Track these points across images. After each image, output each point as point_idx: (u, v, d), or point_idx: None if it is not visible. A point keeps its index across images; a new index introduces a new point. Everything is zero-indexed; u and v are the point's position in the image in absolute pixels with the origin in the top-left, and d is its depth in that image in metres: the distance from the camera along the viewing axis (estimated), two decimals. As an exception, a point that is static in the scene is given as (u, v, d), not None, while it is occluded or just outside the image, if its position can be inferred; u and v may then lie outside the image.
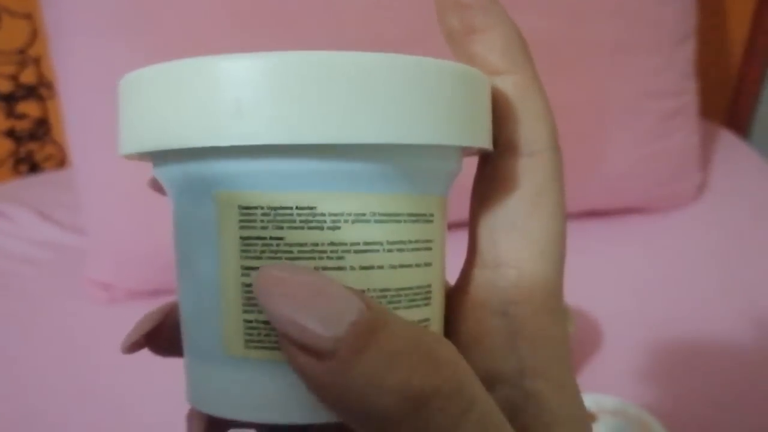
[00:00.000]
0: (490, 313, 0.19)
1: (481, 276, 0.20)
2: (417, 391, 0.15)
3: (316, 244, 0.17)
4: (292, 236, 0.17)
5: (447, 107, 0.18)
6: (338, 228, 0.17)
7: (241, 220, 0.18)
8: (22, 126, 1.22)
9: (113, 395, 0.73)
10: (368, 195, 0.18)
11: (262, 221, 0.17)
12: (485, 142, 0.19)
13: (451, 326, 0.20)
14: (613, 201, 0.99)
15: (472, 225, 0.21)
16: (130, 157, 0.20)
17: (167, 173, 0.19)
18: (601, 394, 0.67)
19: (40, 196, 1.12)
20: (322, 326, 0.15)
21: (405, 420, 0.15)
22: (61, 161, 1.27)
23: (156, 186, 0.23)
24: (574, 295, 0.84)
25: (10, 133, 1.22)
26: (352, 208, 0.17)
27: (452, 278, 0.23)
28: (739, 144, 1.20)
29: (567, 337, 0.20)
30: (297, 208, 0.17)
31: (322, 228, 0.17)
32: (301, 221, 0.17)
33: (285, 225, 0.17)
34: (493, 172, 0.20)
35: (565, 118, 0.92)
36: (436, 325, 0.20)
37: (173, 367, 0.66)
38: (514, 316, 0.19)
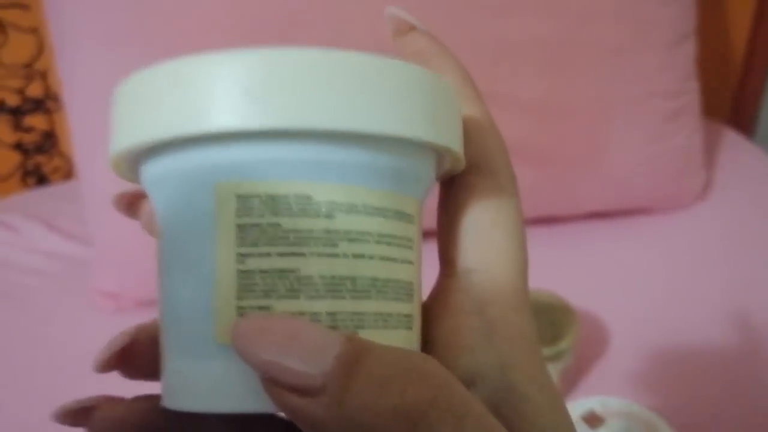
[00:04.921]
0: (467, 315, 0.20)
1: (454, 283, 0.21)
2: (413, 408, 0.16)
3: (311, 231, 0.18)
4: (289, 223, 0.18)
5: (434, 110, 0.19)
6: (333, 217, 0.18)
7: (238, 209, 0.18)
8: (29, 139, 1.23)
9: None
10: (360, 188, 0.18)
11: (259, 209, 0.18)
12: (460, 151, 0.20)
13: (430, 333, 0.21)
14: (617, 202, 0.99)
15: (442, 239, 0.22)
16: (119, 161, 0.20)
17: (160, 168, 0.19)
18: (608, 396, 0.67)
19: (47, 208, 1.13)
20: (307, 365, 0.16)
21: None
22: (68, 173, 1.28)
23: (122, 203, 0.24)
24: (580, 297, 0.84)
25: (18, 146, 1.23)
26: (345, 198, 0.18)
27: (426, 293, 0.24)
28: (744, 142, 1.20)
29: (537, 333, 0.21)
30: (294, 196, 0.18)
31: (317, 216, 0.18)
32: (297, 209, 0.18)
33: (282, 212, 0.18)
34: (458, 188, 0.22)
35: (567, 119, 0.92)
36: (417, 321, 0.20)
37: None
38: (489, 316, 0.20)
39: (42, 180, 1.28)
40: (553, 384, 0.20)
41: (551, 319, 0.70)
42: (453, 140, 0.20)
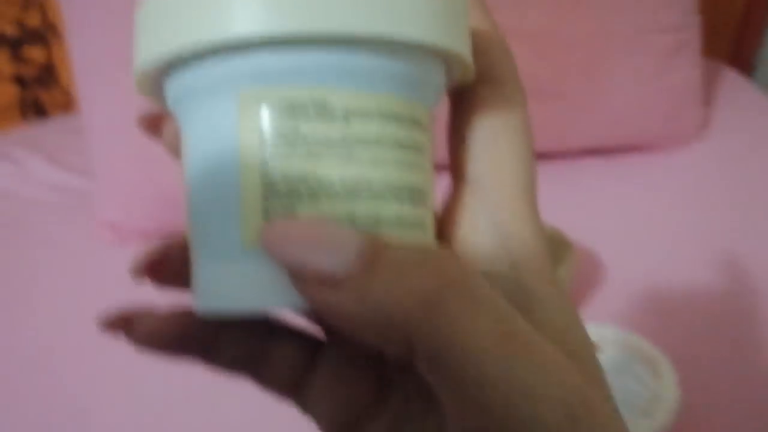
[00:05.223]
0: (478, 219, 0.21)
1: (465, 190, 0.22)
2: (431, 292, 0.17)
3: (329, 136, 0.19)
4: (307, 128, 0.19)
5: (446, 17, 0.20)
6: (348, 122, 0.19)
7: (260, 115, 0.19)
8: (28, 71, 1.23)
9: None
10: (374, 94, 0.19)
11: (279, 115, 0.19)
12: (470, 60, 0.21)
13: (443, 237, 0.22)
14: (614, 138, 1.00)
15: (452, 148, 0.23)
16: (143, 78, 0.21)
17: (183, 81, 0.20)
18: (602, 324, 0.69)
19: (47, 141, 1.13)
20: (331, 259, 0.17)
21: (425, 320, 0.17)
22: (67, 106, 1.28)
23: (145, 124, 0.24)
24: (574, 231, 0.85)
25: (17, 79, 1.23)
26: (360, 104, 0.19)
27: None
28: (743, 82, 1.20)
29: (545, 238, 0.22)
30: (311, 102, 0.19)
31: (334, 121, 0.19)
32: (315, 114, 0.19)
33: (300, 118, 0.19)
34: (467, 99, 0.22)
35: (567, 52, 0.92)
36: (430, 225, 0.21)
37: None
38: (499, 219, 0.21)
39: (41, 113, 1.28)
40: (562, 285, 0.21)
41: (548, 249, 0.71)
42: (464, 49, 0.21)
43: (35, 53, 1.21)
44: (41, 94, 1.26)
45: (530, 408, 0.17)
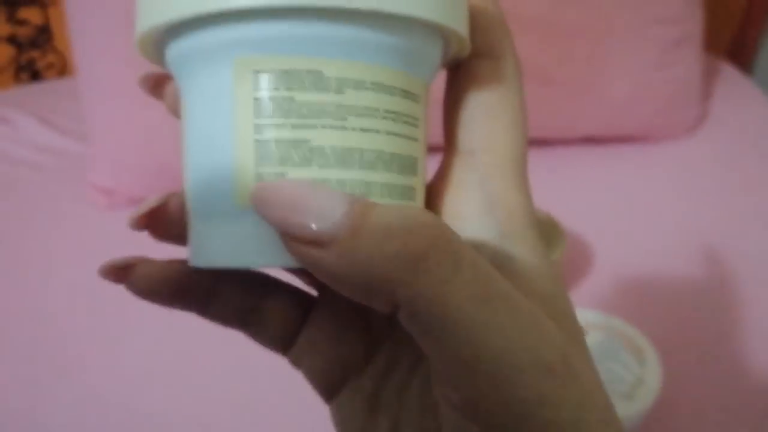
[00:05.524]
0: (469, 189, 0.22)
1: (458, 161, 0.22)
2: (414, 252, 0.17)
3: (322, 105, 0.19)
4: (301, 97, 0.19)
5: None
6: (342, 92, 0.19)
7: (254, 82, 0.19)
8: (23, 32, 1.21)
9: (113, 294, 0.75)
10: (368, 65, 0.20)
11: (274, 83, 0.19)
12: (466, 34, 0.22)
13: (434, 206, 0.23)
14: (610, 128, 1.00)
15: (447, 120, 0.23)
16: (145, 41, 0.22)
17: (183, 47, 0.20)
18: (586, 308, 0.69)
19: (41, 103, 1.12)
20: (319, 219, 0.17)
21: (408, 279, 0.17)
22: (62, 70, 1.27)
23: (148, 84, 0.25)
24: (567, 218, 0.85)
25: (12, 40, 1.22)
26: (353, 75, 0.20)
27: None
28: (741, 79, 1.20)
29: (534, 210, 0.22)
30: (306, 71, 0.19)
31: (327, 91, 0.19)
32: (309, 84, 0.19)
33: (295, 87, 0.19)
34: (463, 72, 0.23)
35: (568, 40, 0.92)
36: (420, 195, 0.22)
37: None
38: (489, 190, 0.22)
39: (36, 76, 1.27)
40: (548, 257, 0.22)
41: (540, 233, 0.71)
42: (460, 23, 0.21)
43: (31, 14, 1.20)
44: (36, 56, 1.25)
45: (509, 360, 0.17)
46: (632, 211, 0.89)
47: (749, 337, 0.69)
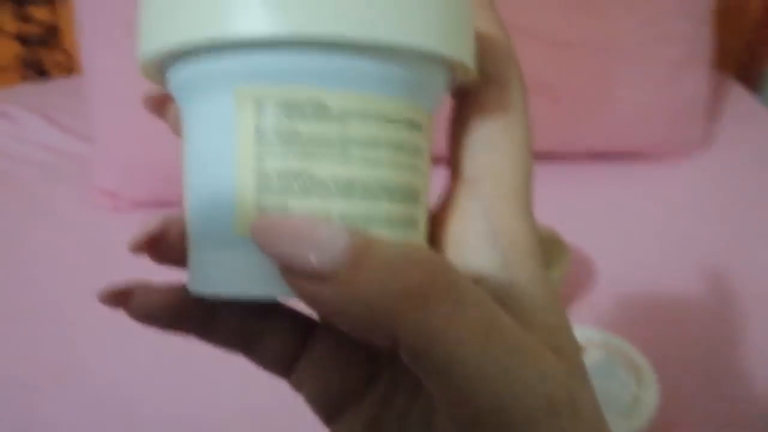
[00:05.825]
0: (472, 219, 0.22)
1: (462, 190, 0.22)
2: (415, 289, 0.17)
3: (325, 136, 0.19)
4: (303, 127, 0.19)
5: (448, 22, 0.20)
6: (344, 123, 0.19)
7: (256, 112, 0.19)
8: (31, 30, 1.22)
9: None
10: (372, 96, 0.19)
11: (276, 113, 0.19)
12: (473, 65, 0.21)
13: (437, 235, 0.22)
14: (617, 144, 1.00)
15: (452, 148, 0.23)
16: (147, 66, 0.22)
17: (185, 73, 0.20)
18: (586, 326, 0.69)
19: (46, 102, 1.12)
20: (320, 254, 0.17)
21: (409, 317, 0.17)
22: (69, 69, 1.27)
23: (150, 104, 0.25)
24: (571, 234, 0.85)
25: (19, 37, 1.22)
26: (356, 105, 0.19)
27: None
28: (749, 98, 1.20)
29: (538, 239, 0.22)
30: (309, 102, 0.19)
31: (330, 121, 0.19)
32: (311, 114, 0.19)
33: (297, 117, 0.19)
34: (469, 100, 0.23)
35: (577, 55, 0.92)
36: (423, 224, 0.22)
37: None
38: (493, 220, 0.21)
39: (42, 74, 1.27)
40: (551, 285, 0.21)
41: (543, 249, 0.71)
42: (466, 54, 0.21)
43: (40, 13, 1.20)
44: (43, 54, 1.25)
45: (512, 398, 0.17)
46: (636, 229, 0.88)
47: (749, 357, 0.68)
